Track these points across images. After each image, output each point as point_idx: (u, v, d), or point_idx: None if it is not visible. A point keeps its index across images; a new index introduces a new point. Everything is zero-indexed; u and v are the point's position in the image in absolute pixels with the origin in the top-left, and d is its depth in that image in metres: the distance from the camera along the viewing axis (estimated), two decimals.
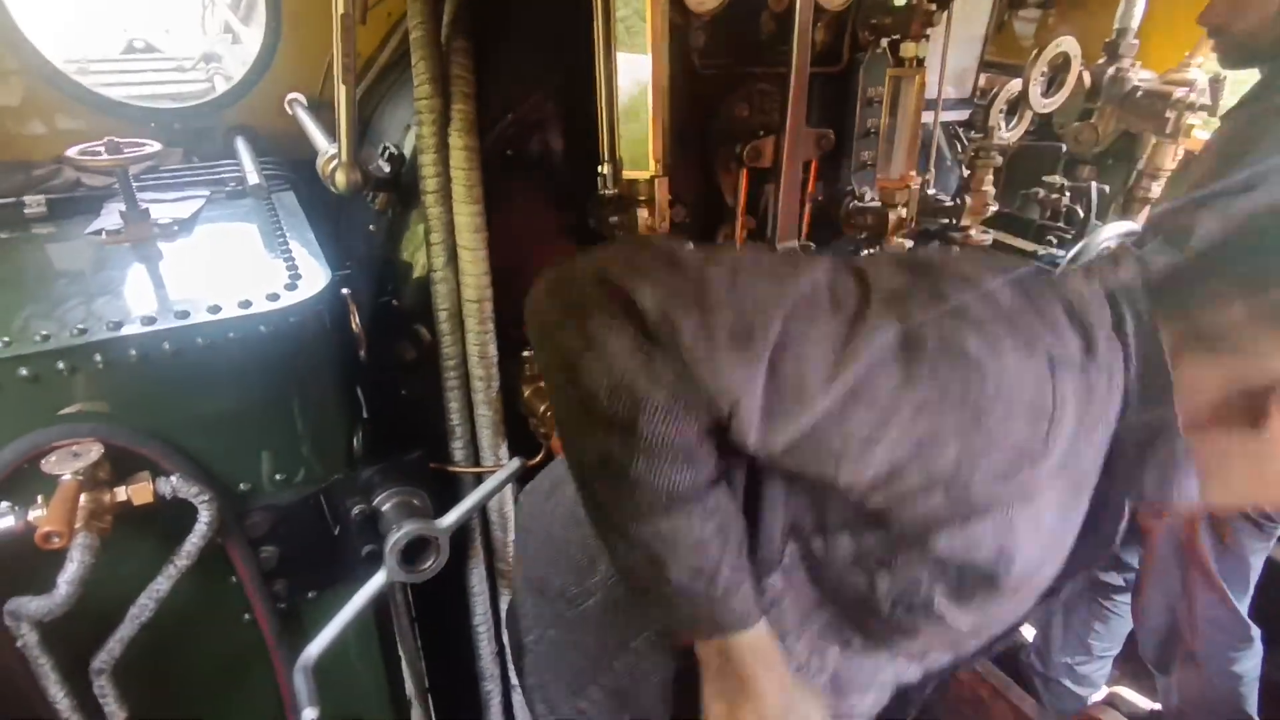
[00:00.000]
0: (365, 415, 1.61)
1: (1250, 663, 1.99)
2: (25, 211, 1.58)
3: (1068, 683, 2.42)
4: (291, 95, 2.03)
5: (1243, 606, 1.93)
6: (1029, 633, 2.69)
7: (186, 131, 1.97)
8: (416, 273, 1.60)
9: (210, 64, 3.21)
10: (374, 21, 1.94)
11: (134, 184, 1.55)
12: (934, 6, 1.68)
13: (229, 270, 1.39)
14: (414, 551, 1.45)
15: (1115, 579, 2.27)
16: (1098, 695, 2.48)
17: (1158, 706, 2.42)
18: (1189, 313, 0.78)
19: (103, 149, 1.40)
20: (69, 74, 1.95)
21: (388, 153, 1.56)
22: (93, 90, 1.87)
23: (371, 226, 1.70)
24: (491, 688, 1.95)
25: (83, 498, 1.06)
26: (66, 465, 1.05)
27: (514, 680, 1.95)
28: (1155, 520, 1.93)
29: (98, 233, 1.49)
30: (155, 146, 1.44)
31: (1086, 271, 0.84)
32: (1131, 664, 2.42)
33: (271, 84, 2.05)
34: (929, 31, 1.71)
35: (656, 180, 1.46)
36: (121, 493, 1.13)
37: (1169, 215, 1.64)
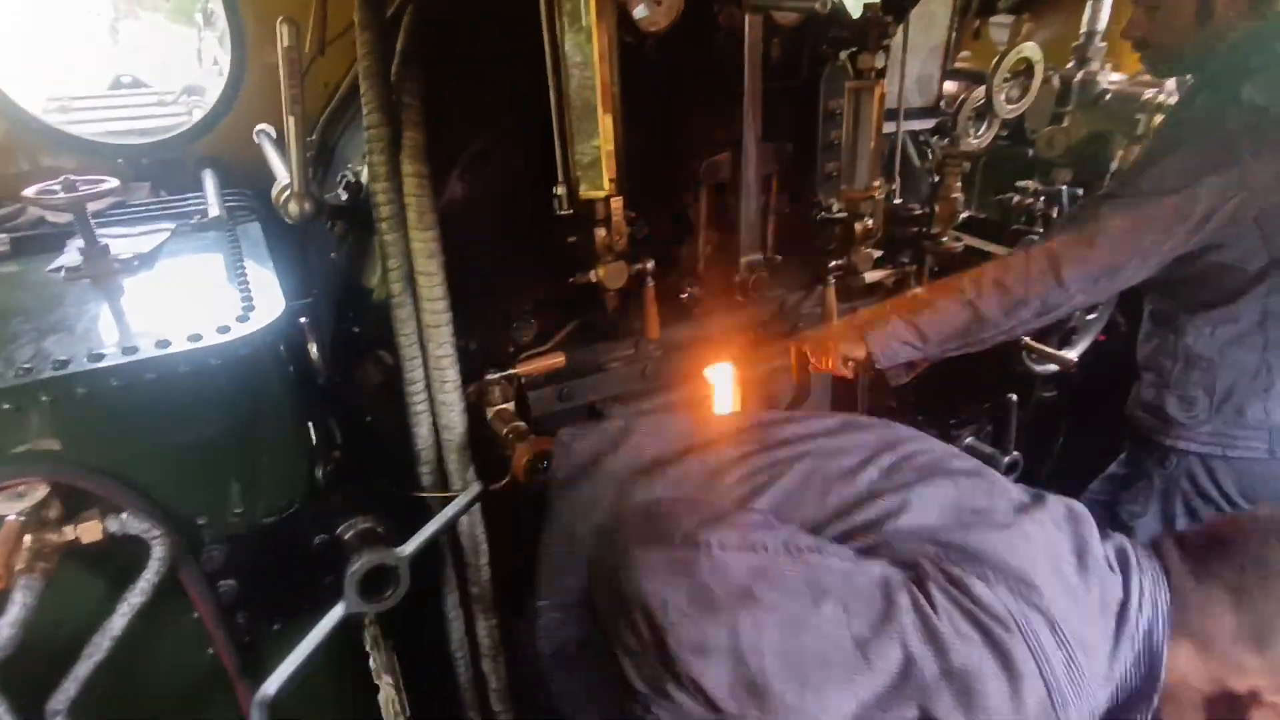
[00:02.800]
0: (331, 443, 1.61)
1: None
2: None
3: None
4: (260, 126, 2.05)
5: None
6: None
7: (155, 165, 1.99)
8: (377, 299, 1.60)
9: (192, 97, 3.25)
10: (339, 49, 1.96)
11: (99, 220, 1.57)
12: (889, 18, 1.68)
13: (185, 304, 1.39)
14: (377, 580, 1.44)
15: None
16: None
17: None
18: (1187, 616, 0.96)
19: (59, 187, 1.41)
20: (44, 114, 1.98)
21: (345, 180, 1.57)
22: (61, 129, 1.89)
23: (333, 254, 1.70)
24: (472, 715, 1.93)
25: (27, 538, 1.06)
26: (10, 506, 1.05)
27: (494, 706, 1.92)
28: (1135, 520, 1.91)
29: (58, 270, 1.50)
30: (112, 183, 1.45)
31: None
32: None
33: (240, 116, 2.07)
34: (886, 42, 1.71)
35: (611, 199, 1.46)
36: (70, 531, 1.13)
37: (1079, 211, 1.66)
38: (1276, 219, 1.55)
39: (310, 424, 1.50)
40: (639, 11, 1.46)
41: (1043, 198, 2.42)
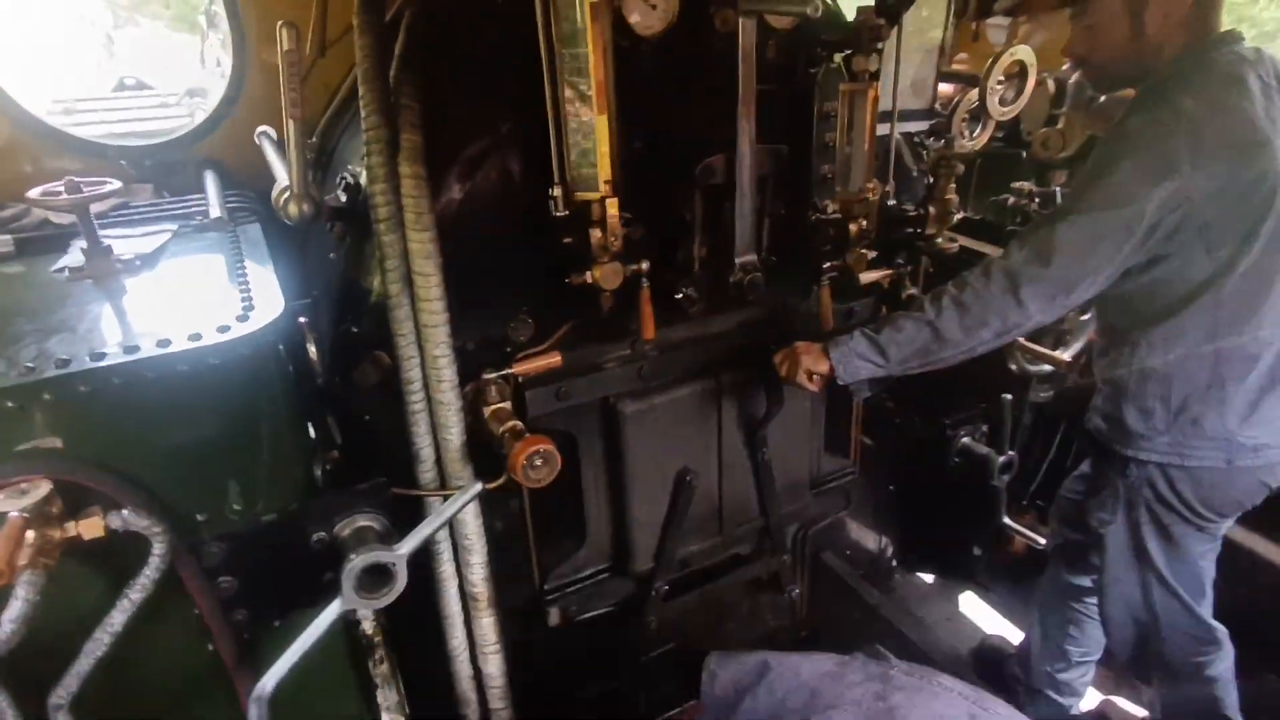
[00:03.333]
0: (329, 442, 1.63)
1: (1223, 665, 1.96)
2: None
3: (1050, 693, 2.37)
4: (261, 128, 2.07)
5: (1204, 611, 1.91)
6: (1016, 639, 2.66)
7: (158, 167, 2.01)
8: (375, 299, 1.62)
9: (194, 98, 3.27)
10: (339, 53, 1.98)
11: (102, 221, 1.58)
12: (882, 22, 1.70)
13: (186, 303, 1.40)
14: (375, 577, 1.45)
15: (1083, 581, 2.23)
16: (1082, 705, 2.43)
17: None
18: None
19: (63, 189, 1.43)
20: (47, 115, 2.00)
21: (344, 182, 1.59)
22: (64, 131, 1.91)
23: (332, 255, 1.72)
24: (469, 713, 1.95)
25: (30, 534, 1.07)
26: (13, 502, 1.07)
27: (492, 703, 1.94)
28: (1105, 528, 1.92)
29: (61, 270, 1.52)
30: (114, 185, 1.48)
31: None
32: (1125, 672, 2.38)
33: (242, 118, 2.09)
34: (880, 46, 1.73)
35: (606, 201, 1.48)
36: (72, 528, 1.14)
37: (1033, 230, 1.69)
38: (1219, 230, 1.57)
39: (309, 423, 1.52)
40: (635, 17, 1.48)
41: (1037, 199, 2.44)
